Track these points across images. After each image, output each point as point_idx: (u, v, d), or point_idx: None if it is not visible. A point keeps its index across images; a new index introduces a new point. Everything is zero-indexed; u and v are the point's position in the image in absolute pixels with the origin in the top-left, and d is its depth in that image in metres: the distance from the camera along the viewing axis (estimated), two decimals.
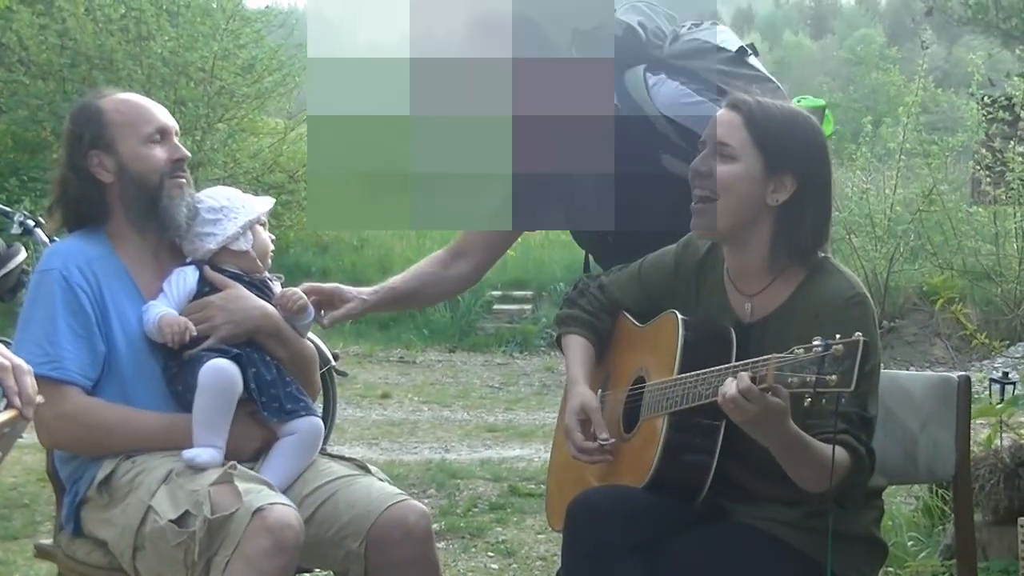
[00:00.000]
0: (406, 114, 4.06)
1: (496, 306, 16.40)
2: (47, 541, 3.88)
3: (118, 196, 3.74)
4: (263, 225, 3.88)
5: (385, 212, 4.38)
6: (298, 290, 3.87)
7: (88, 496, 3.61)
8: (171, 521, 3.35)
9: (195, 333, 3.64)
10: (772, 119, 3.33)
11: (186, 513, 3.34)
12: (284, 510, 3.30)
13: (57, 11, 17.82)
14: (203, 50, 17.84)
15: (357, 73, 4.20)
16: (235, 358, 3.62)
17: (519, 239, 4.99)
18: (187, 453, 3.49)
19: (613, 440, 3.45)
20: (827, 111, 4.11)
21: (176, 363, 3.66)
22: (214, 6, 19.22)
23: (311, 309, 3.88)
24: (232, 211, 3.79)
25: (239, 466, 3.48)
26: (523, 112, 3.98)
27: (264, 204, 3.89)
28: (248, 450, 3.67)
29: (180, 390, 3.65)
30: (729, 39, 4.16)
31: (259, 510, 3.26)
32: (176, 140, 3.80)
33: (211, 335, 3.67)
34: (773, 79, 4.15)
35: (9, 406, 2.55)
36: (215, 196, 3.83)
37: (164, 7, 18.34)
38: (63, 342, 3.58)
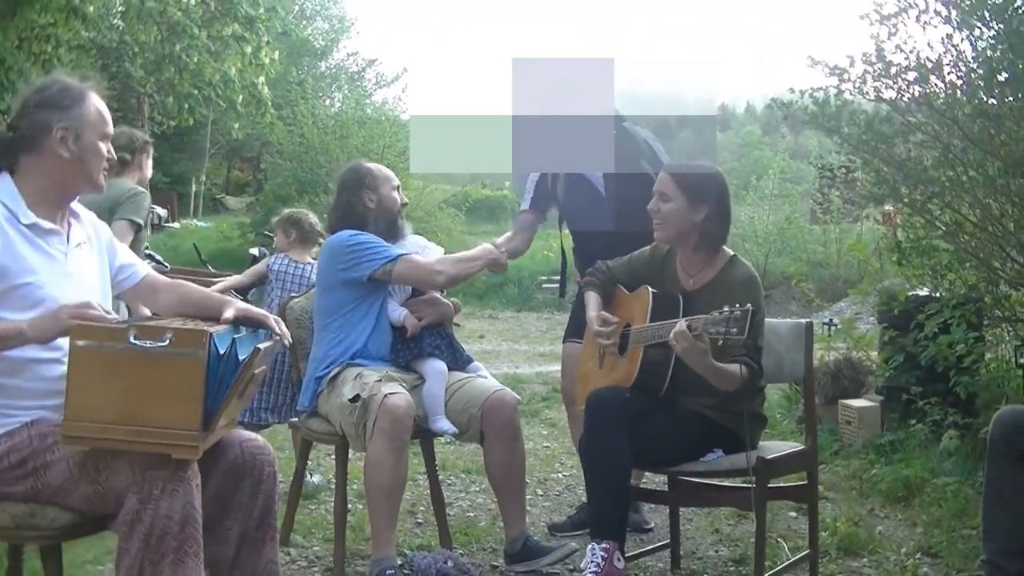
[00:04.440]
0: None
1: (544, 284, 16.36)
2: (295, 420, 3.89)
3: (373, 216, 3.78)
4: None
5: (483, 155, 4.19)
6: (457, 301, 3.95)
7: (321, 389, 3.62)
8: (348, 400, 3.40)
9: (418, 329, 3.72)
10: (689, 173, 3.34)
11: (356, 396, 3.38)
12: (396, 397, 3.32)
13: (297, 123, 18.31)
14: (379, 143, 18.00)
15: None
16: (439, 355, 3.70)
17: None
18: (435, 425, 3.55)
19: (620, 320, 3.41)
20: None
21: (400, 344, 3.72)
22: (383, 118, 19.58)
23: (460, 307, 3.96)
24: (427, 249, 3.85)
25: (389, 371, 3.54)
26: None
27: (440, 250, 3.92)
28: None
29: (399, 359, 3.70)
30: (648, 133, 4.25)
31: (384, 397, 3.30)
32: (401, 193, 3.86)
33: (421, 320, 3.74)
34: (665, 156, 4.15)
35: (269, 338, 2.56)
36: (417, 241, 3.88)
37: (356, 118, 18.99)
38: None
